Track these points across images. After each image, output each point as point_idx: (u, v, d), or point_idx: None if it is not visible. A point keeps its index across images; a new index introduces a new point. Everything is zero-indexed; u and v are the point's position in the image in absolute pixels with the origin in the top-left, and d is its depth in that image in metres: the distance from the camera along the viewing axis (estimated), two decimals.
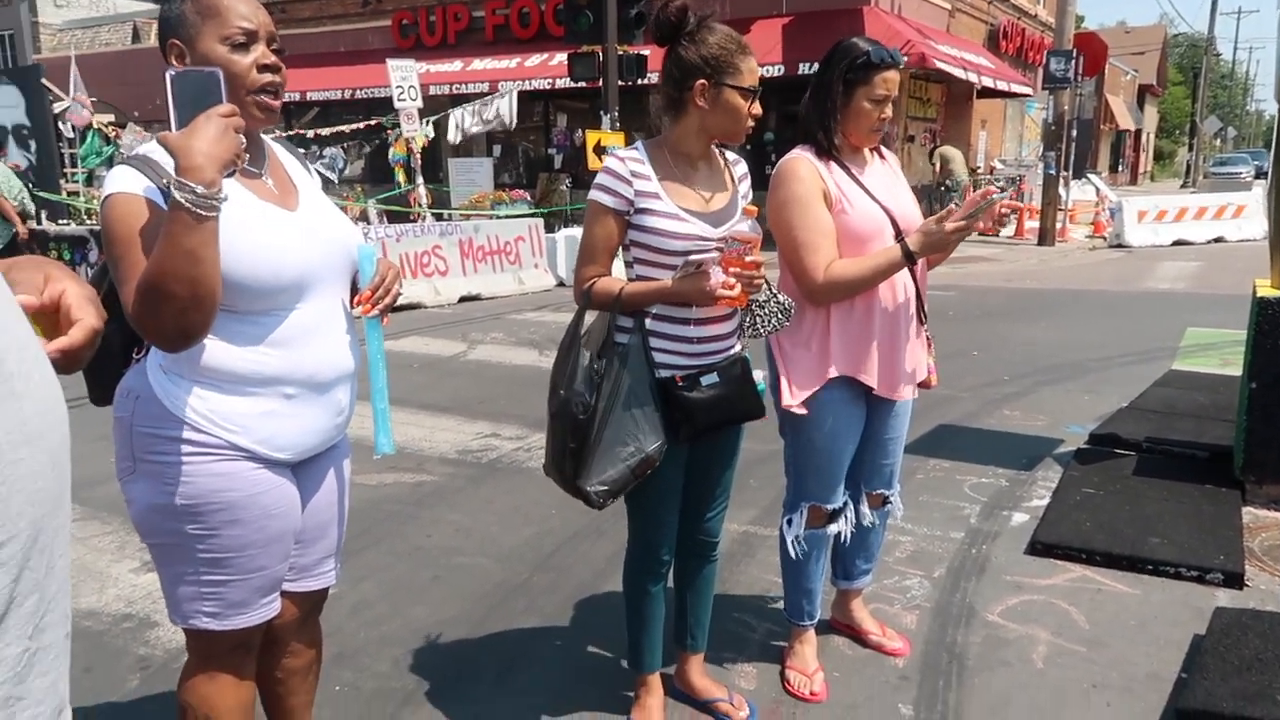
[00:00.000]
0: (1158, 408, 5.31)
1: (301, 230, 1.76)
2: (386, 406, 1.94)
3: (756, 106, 2.20)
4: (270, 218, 1.72)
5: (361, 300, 1.80)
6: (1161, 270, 12.65)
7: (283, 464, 1.80)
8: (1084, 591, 3.31)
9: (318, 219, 1.82)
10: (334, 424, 1.88)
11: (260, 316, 1.70)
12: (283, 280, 1.69)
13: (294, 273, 1.71)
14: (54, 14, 30.33)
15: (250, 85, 1.67)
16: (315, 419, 1.81)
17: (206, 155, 1.46)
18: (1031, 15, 23.55)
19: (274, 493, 1.78)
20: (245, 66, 1.66)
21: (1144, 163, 47.48)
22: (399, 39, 19.32)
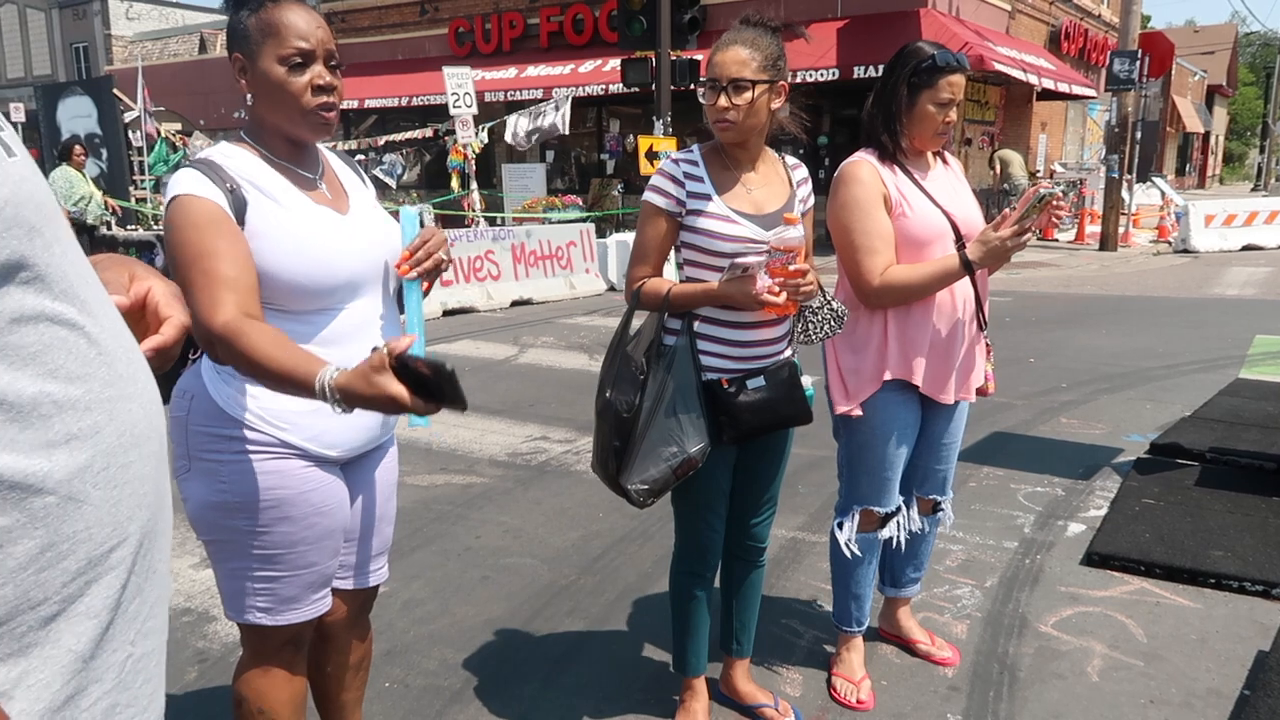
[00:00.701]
0: (1223, 417, 5.16)
1: (352, 233, 1.81)
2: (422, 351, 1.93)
3: (722, 99, 2.16)
4: (325, 221, 1.77)
5: (400, 259, 1.79)
6: (1229, 276, 12.27)
7: (332, 461, 1.84)
8: (1142, 604, 3.22)
9: (367, 223, 1.86)
10: (380, 422, 1.91)
11: (312, 315, 1.75)
12: (336, 280, 1.75)
13: (346, 273, 1.76)
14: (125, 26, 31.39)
15: (305, 106, 1.71)
16: (362, 417, 1.83)
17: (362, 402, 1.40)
18: (1095, 15, 23.03)
19: (323, 490, 1.82)
20: (301, 87, 1.70)
21: (1213, 166, 46.12)
22: (455, 46, 19.60)
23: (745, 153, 2.26)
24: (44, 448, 0.73)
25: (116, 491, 0.80)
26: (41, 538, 0.73)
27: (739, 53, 2.15)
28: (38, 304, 0.74)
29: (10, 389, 0.71)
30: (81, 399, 0.77)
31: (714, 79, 2.17)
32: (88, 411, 0.78)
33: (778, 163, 2.36)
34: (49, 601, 0.74)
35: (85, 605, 0.77)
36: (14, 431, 0.71)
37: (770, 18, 2.23)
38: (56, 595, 0.75)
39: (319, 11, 1.82)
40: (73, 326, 0.78)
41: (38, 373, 0.74)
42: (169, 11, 33.16)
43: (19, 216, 0.73)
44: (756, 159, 2.29)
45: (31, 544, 0.72)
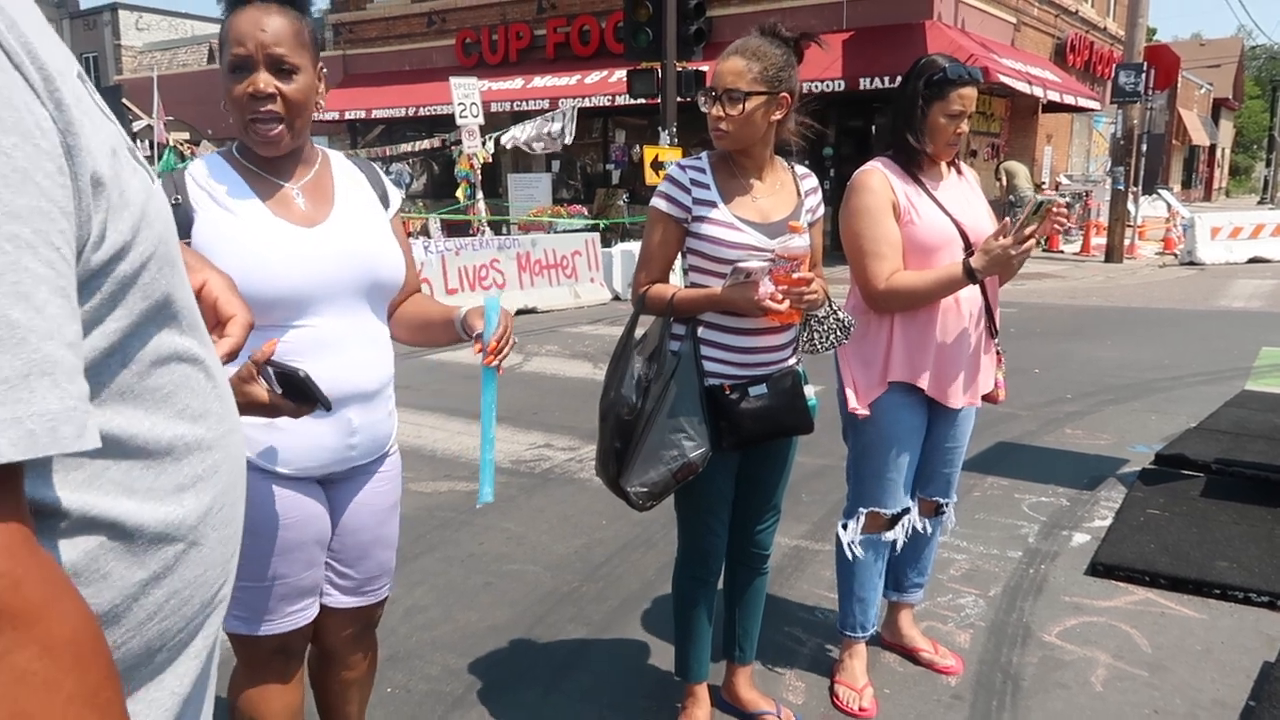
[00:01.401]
0: (1229, 428, 5.14)
1: (312, 247, 1.73)
2: (493, 458, 1.86)
3: (716, 108, 2.18)
4: (278, 233, 1.71)
5: (487, 351, 1.77)
6: (1235, 288, 12.25)
7: (286, 477, 1.78)
8: (1147, 615, 3.21)
9: (343, 236, 1.78)
10: (345, 444, 1.82)
11: (260, 330, 1.62)
12: (283, 294, 1.67)
13: (288, 288, 1.68)
14: (135, 37, 31.63)
15: (244, 114, 1.67)
16: (320, 437, 1.76)
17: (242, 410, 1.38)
18: (1100, 28, 23.07)
19: (284, 503, 1.77)
20: (237, 94, 1.66)
21: (1219, 178, 46.09)
22: (462, 57, 19.69)
23: (751, 161, 2.27)
24: (176, 493, 0.71)
25: (226, 530, 0.79)
26: (168, 587, 0.71)
27: (736, 63, 2.16)
28: (172, 342, 0.72)
29: (150, 434, 0.69)
30: (205, 437, 0.75)
31: (711, 88, 2.19)
32: (210, 451, 0.75)
33: (787, 172, 2.37)
34: (165, 649, 0.72)
35: (193, 648, 0.75)
36: (151, 478, 0.69)
37: (789, 28, 2.24)
38: (172, 642, 0.73)
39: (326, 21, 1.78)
40: (196, 362, 0.75)
41: (171, 414, 0.71)
42: (178, 22, 33.41)
43: (167, 252, 0.70)
44: (763, 167, 2.30)
45: (161, 594, 0.70)
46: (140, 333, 0.67)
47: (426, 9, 20.57)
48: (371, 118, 20.05)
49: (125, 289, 0.65)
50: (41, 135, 0.56)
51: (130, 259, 0.65)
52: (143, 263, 0.66)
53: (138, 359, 0.67)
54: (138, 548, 0.67)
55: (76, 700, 0.53)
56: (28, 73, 0.57)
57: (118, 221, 0.63)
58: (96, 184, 0.61)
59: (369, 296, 1.82)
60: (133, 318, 0.66)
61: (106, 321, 0.64)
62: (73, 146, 0.59)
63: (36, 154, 0.56)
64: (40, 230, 0.54)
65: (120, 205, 0.64)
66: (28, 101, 0.56)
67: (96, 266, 0.62)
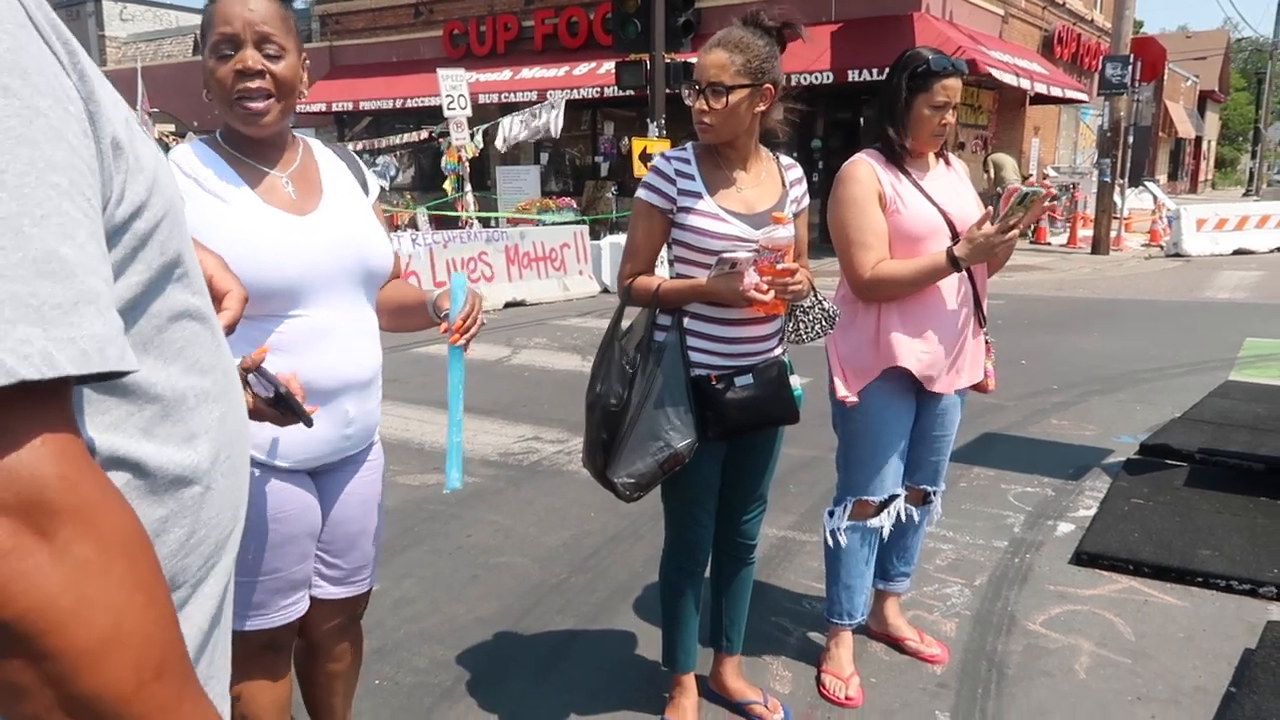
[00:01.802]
0: (1212, 419, 5.19)
1: (305, 235, 1.72)
2: (461, 440, 1.86)
3: (699, 101, 2.18)
4: (270, 221, 1.70)
5: (454, 329, 1.77)
6: (1221, 279, 12.33)
7: (283, 470, 1.78)
8: (1130, 603, 3.24)
9: (334, 225, 1.77)
10: (341, 435, 1.82)
11: (256, 320, 1.66)
12: (270, 285, 1.66)
13: (280, 278, 1.67)
14: (119, 28, 31.33)
15: (229, 96, 1.65)
16: (318, 428, 1.72)
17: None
18: (1088, 20, 23.13)
19: (278, 497, 1.77)
20: (223, 74, 1.64)
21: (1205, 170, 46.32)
22: (449, 49, 19.60)
23: (736, 152, 2.27)
24: (189, 440, 0.78)
25: (235, 478, 0.86)
26: (188, 525, 0.78)
27: (719, 56, 2.15)
28: (184, 300, 0.79)
29: (166, 384, 0.75)
30: (211, 390, 0.82)
31: (695, 81, 2.18)
32: (216, 402, 0.82)
33: (772, 162, 2.37)
34: (186, 585, 0.79)
35: (209, 587, 0.82)
36: (168, 426, 0.75)
37: (771, 17, 2.23)
38: (192, 579, 0.80)
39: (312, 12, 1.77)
40: (203, 320, 0.82)
41: (184, 367, 0.78)
42: (163, 13, 33.10)
43: (177, 215, 0.77)
44: (748, 158, 2.30)
45: (181, 532, 0.77)
46: (157, 288, 0.75)
47: (414, 0, 20.46)
48: (359, 110, 19.94)
49: (143, 244, 0.72)
50: (70, 101, 0.63)
51: (146, 217, 0.72)
52: (157, 221, 0.73)
53: (156, 313, 0.75)
54: (159, 487, 0.75)
55: (128, 584, 0.61)
56: (55, 47, 0.64)
57: (134, 183, 0.71)
58: (116, 147, 0.69)
59: (362, 285, 1.82)
60: (151, 272, 0.73)
61: (129, 274, 0.71)
62: (94, 113, 0.66)
63: (66, 116, 0.62)
64: (75, 182, 0.61)
65: (136, 169, 0.71)
66: (56, 72, 0.63)
67: (119, 222, 0.69)
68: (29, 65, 0.60)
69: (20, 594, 0.55)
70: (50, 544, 0.57)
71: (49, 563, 0.57)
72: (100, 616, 0.58)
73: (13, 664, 0.56)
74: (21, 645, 0.56)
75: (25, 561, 0.56)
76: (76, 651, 0.57)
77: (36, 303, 0.56)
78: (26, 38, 0.61)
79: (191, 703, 0.66)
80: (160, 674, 0.62)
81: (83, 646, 0.57)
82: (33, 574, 0.56)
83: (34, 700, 0.57)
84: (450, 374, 1.78)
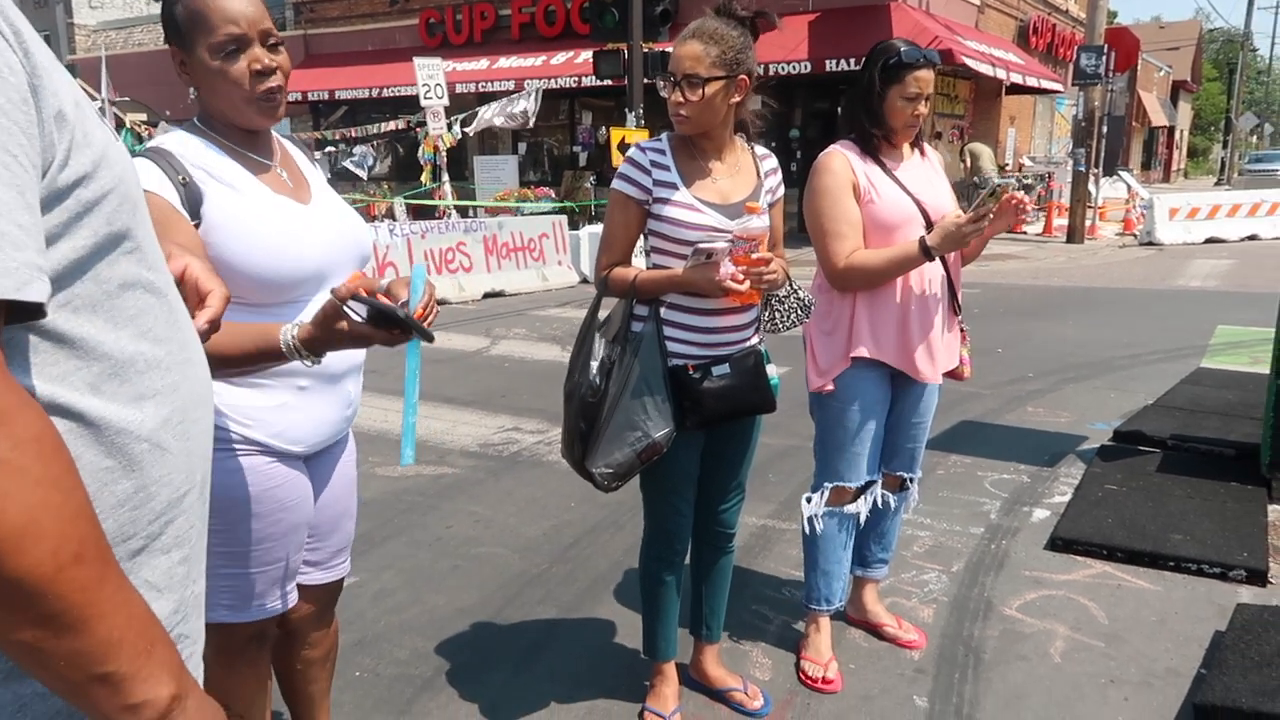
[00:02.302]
0: (1185, 405, 5.26)
1: (316, 224, 1.76)
2: (415, 422, 1.93)
3: (676, 93, 2.17)
4: (287, 212, 1.73)
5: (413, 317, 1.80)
6: (1193, 268, 12.48)
7: (295, 457, 1.82)
8: (1104, 587, 3.29)
9: (330, 213, 1.83)
10: (343, 416, 1.88)
11: (277, 309, 1.69)
12: (299, 273, 1.70)
13: (312, 266, 1.72)
14: (89, 15, 30.84)
15: (249, 94, 1.65)
16: (327, 411, 1.82)
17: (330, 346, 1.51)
18: (1062, 11, 23.28)
19: (288, 486, 1.79)
20: (239, 73, 1.63)
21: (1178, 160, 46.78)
22: (426, 38, 19.45)
23: (711, 143, 2.28)
24: (136, 400, 0.83)
25: (189, 444, 0.91)
26: (136, 480, 0.83)
27: (694, 48, 2.15)
28: (136, 272, 0.85)
29: (115, 346, 0.81)
30: (164, 359, 0.87)
31: (670, 73, 2.18)
32: (168, 371, 0.88)
33: (747, 153, 2.37)
34: (136, 537, 0.84)
35: (162, 543, 0.88)
36: (115, 385, 0.81)
37: (743, 6, 2.23)
38: (143, 532, 0.85)
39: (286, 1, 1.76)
40: (159, 294, 0.88)
41: (135, 333, 0.84)
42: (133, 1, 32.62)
43: (127, 193, 0.84)
44: (723, 149, 2.30)
45: (128, 484, 0.83)
46: (104, 254, 0.80)
47: None
48: (334, 99, 19.77)
49: (88, 210, 0.78)
50: (10, 73, 0.70)
51: (92, 188, 0.78)
52: (104, 193, 0.79)
53: (105, 279, 0.81)
54: (104, 439, 0.80)
55: (44, 483, 0.67)
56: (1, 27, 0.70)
57: (80, 154, 0.77)
58: (60, 118, 0.75)
59: (356, 268, 1.87)
60: (97, 239, 0.79)
61: (73, 236, 0.77)
62: (37, 86, 0.72)
63: (3, 85, 0.69)
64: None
65: (83, 143, 0.77)
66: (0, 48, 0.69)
67: (62, 186, 0.75)
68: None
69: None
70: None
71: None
72: (14, 508, 0.65)
73: None
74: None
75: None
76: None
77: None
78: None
79: (114, 585, 0.73)
80: (79, 559, 0.69)
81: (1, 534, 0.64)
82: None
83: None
84: (408, 360, 1.83)
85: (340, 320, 1.45)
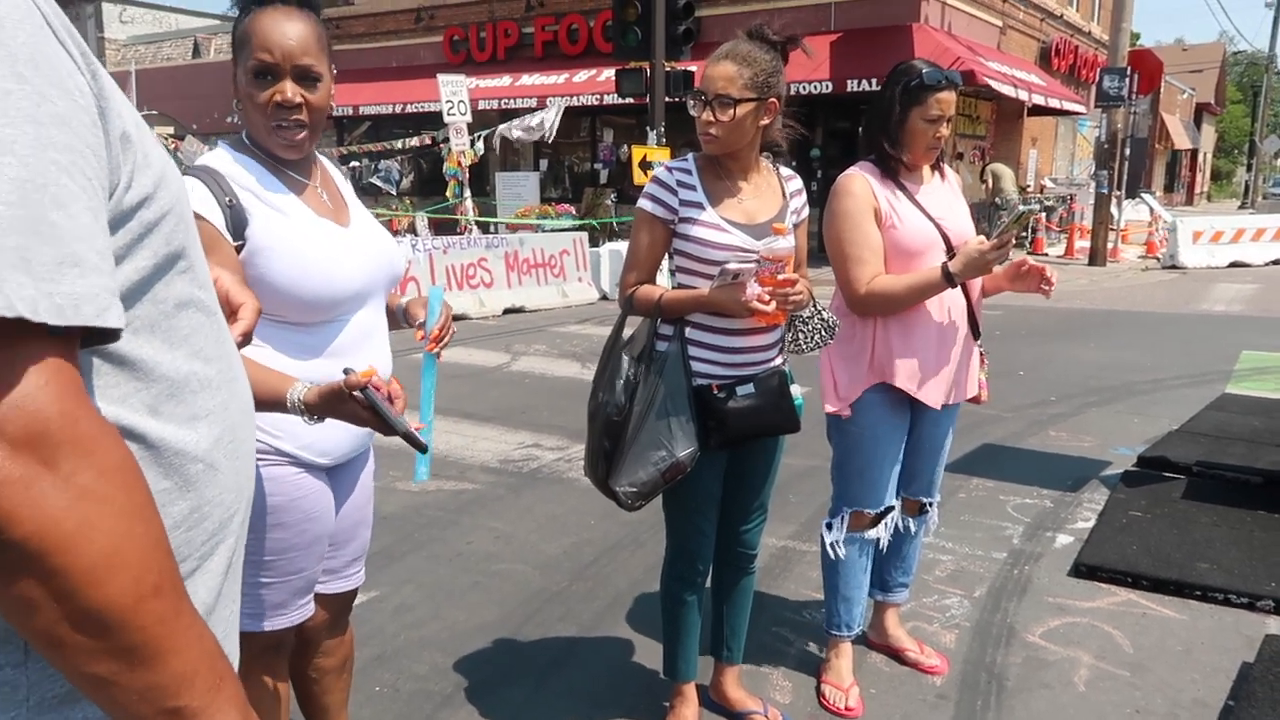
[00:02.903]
0: (1210, 431, 5.20)
1: (354, 246, 1.81)
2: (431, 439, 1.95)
3: (706, 113, 2.19)
4: (330, 235, 1.77)
5: (431, 339, 1.83)
6: (1217, 292, 12.38)
7: (320, 468, 1.85)
8: (1129, 615, 3.25)
9: (367, 234, 1.87)
10: (367, 429, 1.90)
11: (317, 327, 1.75)
12: (340, 294, 1.75)
13: (353, 288, 1.77)
14: (119, 30, 31.33)
15: (266, 122, 1.70)
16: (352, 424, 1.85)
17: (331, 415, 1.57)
18: (1085, 32, 23.24)
19: (313, 497, 1.83)
20: (261, 101, 1.68)
21: (1201, 183, 46.47)
22: (450, 54, 19.63)
23: (737, 163, 2.29)
24: (191, 420, 0.83)
25: (238, 462, 0.91)
26: (191, 500, 0.83)
27: (727, 69, 2.17)
28: (190, 292, 0.85)
29: (171, 366, 0.82)
30: (215, 378, 0.87)
31: (701, 92, 2.19)
32: (218, 390, 0.88)
33: (772, 173, 2.39)
34: (190, 559, 0.84)
35: (213, 564, 0.87)
36: (172, 405, 0.81)
37: (776, 30, 2.25)
38: (196, 553, 0.84)
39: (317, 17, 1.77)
40: (209, 313, 0.89)
41: (188, 353, 0.84)
42: (163, 15, 33.12)
43: (183, 212, 0.84)
44: (749, 169, 2.31)
45: (184, 505, 0.82)
46: (163, 275, 0.81)
47: (414, 6, 20.49)
48: (359, 114, 19.97)
49: (149, 231, 0.78)
50: (80, 95, 0.70)
51: (153, 208, 0.78)
52: (163, 213, 0.80)
53: (162, 299, 0.81)
54: (162, 460, 0.80)
55: (127, 512, 0.67)
56: (70, 48, 0.71)
57: (142, 175, 0.77)
58: (125, 140, 0.75)
59: (388, 288, 1.93)
60: (157, 259, 0.79)
61: (135, 258, 0.77)
62: (104, 109, 0.73)
63: (74, 108, 0.69)
64: (74, 162, 0.67)
65: (144, 164, 0.78)
66: (70, 69, 0.70)
67: (127, 208, 0.75)
68: (41, 60, 0.67)
69: (28, 517, 0.61)
70: (54, 473, 0.63)
71: (53, 489, 0.63)
72: (101, 538, 0.64)
73: (24, 581, 0.62)
74: (30, 564, 0.62)
75: (32, 489, 0.62)
76: (80, 569, 0.63)
77: (31, 256, 0.62)
78: (43, 37, 0.68)
79: (187, 618, 0.72)
80: (157, 591, 0.69)
81: (85, 565, 0.63)
82: (39, 500, 0.62)
83: (44, 614, 0.63)
84: (424, 379, 1.87)
85: (345, 402, 1.50)
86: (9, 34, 0.65)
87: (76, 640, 0.65)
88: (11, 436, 0.61)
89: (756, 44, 2.20)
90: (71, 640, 0.65)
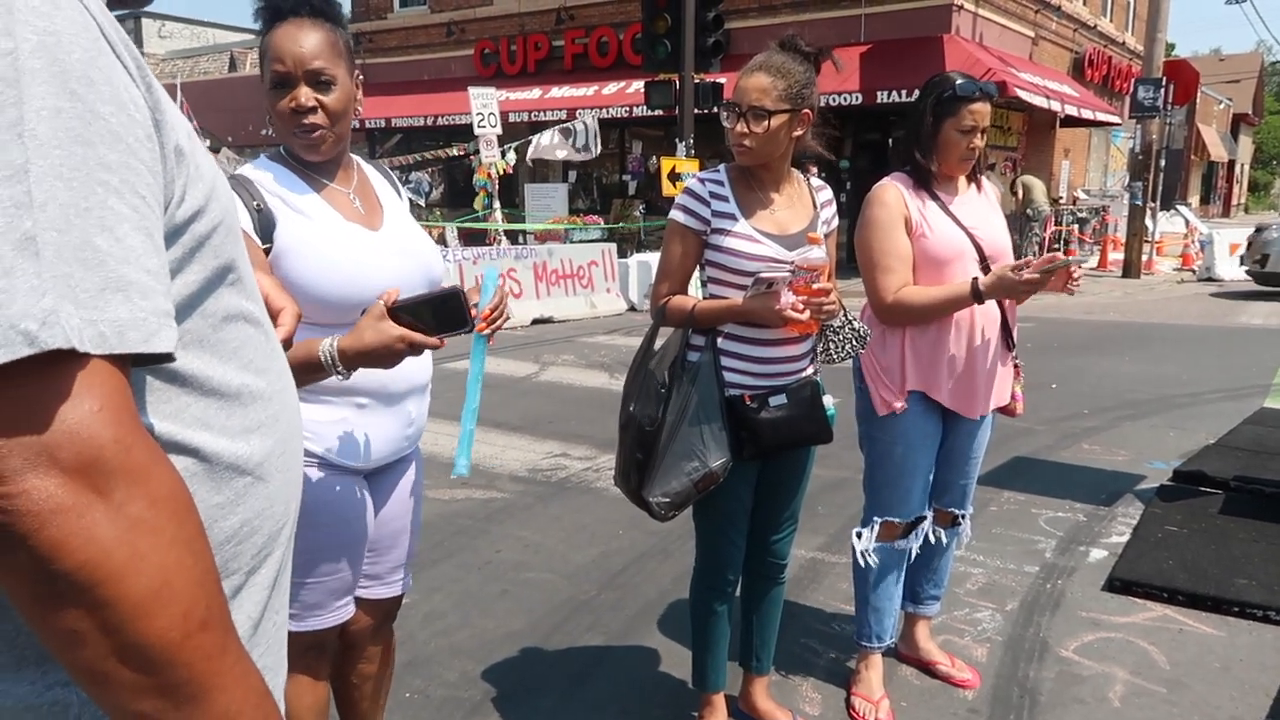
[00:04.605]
0: (1247, 446, 5.12)
1: (383, 249, 1.84)
2: (474, 429, 1.92)
3: (740, 124, 2.20)
4: (355, 237, 1.81)
5: (481, 317, 1.84)
6: (1253, 306, 12.17)
7: (354, 471, 1.87)
8: (1165, 631, 3.20)
9: (401, 237, 1.90)
10: (404, 435, 1.94)
11: (340, 329, 1.75)
12: (367, 297, 1.75)
13: (375, 289, 1.77)
14: (158, 45, 31.93)
15: (288, 127, 1.77)
16: (385, 429, 1.88)
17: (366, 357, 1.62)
18: (1119, 43, 23.02)
19: (346, 499, 1.85)
20: (281, 109, 1.76)
21: (1238, 194, 45.81)
22: (480, 67, 19.82)
23: (769, 174, 2.30)
24: (244, 433, 0.82)
25: (288, 475, 0.90)
26: (241, 515, 0.82)
27: (761, 80, 2.18)
28: (238, 304, 0.84)
29: (223, 379, 0.81)
30: (266, 390, 0.87)
31: (735, 104, 2.20)
32: (270, 402, 0.87)
33: (803, 184, 2.39)
34: (239, 573, 0.83)
35: (260, 577, 0.86)
36: (224, 419, 0.80)
37: (809, 42, 2.26)
38: (245, 567, 0.83)
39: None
40: (257, 324, 0.88)
41: (239, 365, 0.83)
42: (201, 31, 33.72)
43: (231, 224, 0.84)
44: (781, 180, 2.32)
45: (235, 520, 0.81)
46: (212, 288, 0.80)
47: (446, 19, 20.72)
48: (390, 126, 20.20)
49: (200, 245, 0.77)
50: (135, 109, 0.69)
51: (204, 221, 0.78)
52: (214, 226, 0.79)
53: (212, 312, 0.80)
54: (215, 474, 0.79)
55: (178, 544, 0.65)
56: (125, 61, 0.70)
57: (194, 189, 0.76)
58: (179, 153, 0.74)
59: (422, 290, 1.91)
60: (207, 273, 0.79)
61: (187, 272, 0.76)
62: (160, 121, 0.72)
63: (129, 122, 0.67)
64: (127, 180, 0.66)
65: (196, 176, 0.77)
66: (125, 82, 0.69)
67: (180, 222, 0.75)
68: (96, 75, 0.66)
69: (79, 547, 0.59)
70: (106, 502, 0.61)
71: (105, 519, 0.61)
72: (151, 570, 0.63)
73: (72, 612, 0.60)
74: (80, 595, 0.60)
75: (84, 518, 0.60)
76: (129, 602, 0.61)
77: (74, 283, 0.61)
78: (98, 50, 0.67)
79: (234, 655, 0.70)
80: (205, 626, 0.67)
81: (135, 598, 0.62)
82: (90, 529, 0.60)
83: (91, 647, 0.62)
84: (472, 363, 1.85)
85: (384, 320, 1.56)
86: (65, 49, 0.64)
87: (122, 675, 0.63)
88: (64, 464, 0.60)
89: (790, 55, 2.21)
90: (117, 675, 0.63)
